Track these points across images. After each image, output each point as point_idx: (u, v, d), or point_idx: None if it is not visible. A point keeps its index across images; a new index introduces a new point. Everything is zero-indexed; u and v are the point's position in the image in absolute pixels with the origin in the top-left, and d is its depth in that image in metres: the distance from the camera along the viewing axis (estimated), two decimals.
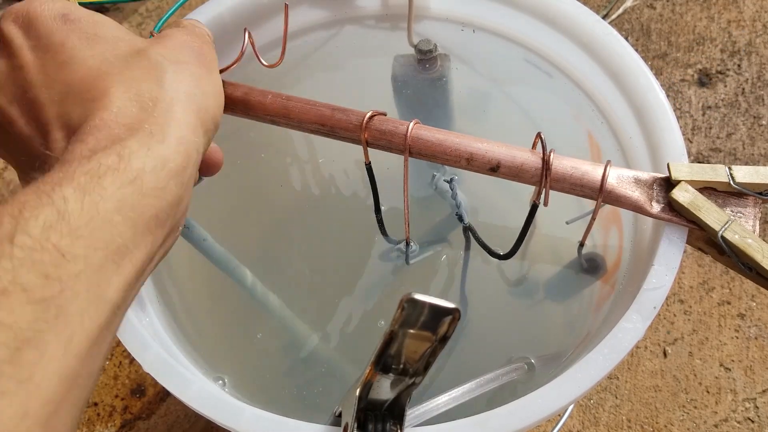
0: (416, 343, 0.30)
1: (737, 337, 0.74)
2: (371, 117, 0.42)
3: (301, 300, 0.52)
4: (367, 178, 0.45)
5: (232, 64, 0.43)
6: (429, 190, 0.55)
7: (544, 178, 0.42)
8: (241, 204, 0.57)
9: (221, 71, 0.39)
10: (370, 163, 0.44)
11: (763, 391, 0.71)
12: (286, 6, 0.44)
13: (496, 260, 0.50)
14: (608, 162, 0.42)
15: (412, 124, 0.42)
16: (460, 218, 0.50)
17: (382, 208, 0.48)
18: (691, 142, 0.86)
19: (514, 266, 0.51)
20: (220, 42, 0.54)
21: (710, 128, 0.87)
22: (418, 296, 0.28)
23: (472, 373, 0.43)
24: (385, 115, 0.43)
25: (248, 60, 0.57)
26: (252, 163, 0.58)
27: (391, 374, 0.32)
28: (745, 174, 0.40)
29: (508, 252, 0.47)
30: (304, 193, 0.57)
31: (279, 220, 0.57)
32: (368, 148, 0.43)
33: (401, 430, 0.34)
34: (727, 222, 0.39)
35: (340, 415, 0.35)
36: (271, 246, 0.55)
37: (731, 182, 0.40)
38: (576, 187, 0.42)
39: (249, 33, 0.44)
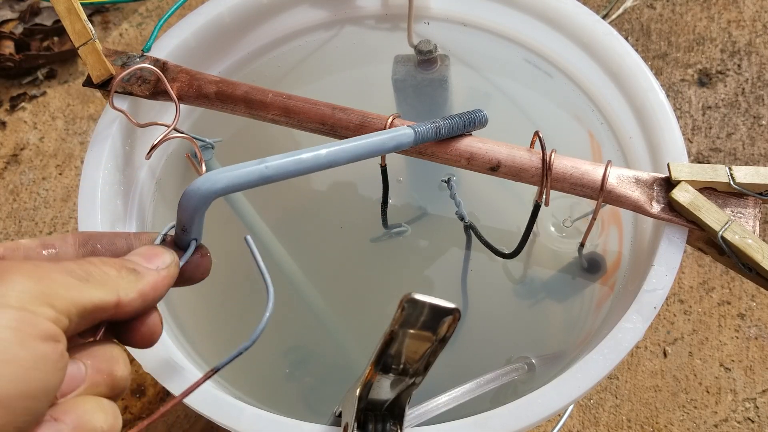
0: (416, 343, 0.30)
1: (737, 337, 0.74)
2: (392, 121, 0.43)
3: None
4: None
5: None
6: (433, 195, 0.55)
7: (544, 177, 0.42)
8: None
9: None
10: (385, 165, 0.47)
11: (763, 391, 0.71)
12: None
13: (496, 260, 0.50)
14: (609, 162, 0.42)
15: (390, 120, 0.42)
16: (461, 217, 0.50)
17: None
18: (691, 142, 0.86)
19: (515, 266, 0.51)
20: (220, 42, 0.54)
21: (710, 128, 0.87)
22: (419, 296, 0.28)
23: (472, 373, 0.43)
24: (400, 116, 0.44)
25: (249, 59, 0.58)
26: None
27: (391, 374, 0.31)
28: (745, 174, 0.40)
29: (513, 251, 0.47)
30: (308, 192, 0.57)
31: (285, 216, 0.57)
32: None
33: (401, 430, 0.34)
34: (727, 222, 0.39)
35: (340, 415, 0.35)
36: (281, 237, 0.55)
37: (731, 182, 0.40)
38: (576, 186, 0.42)
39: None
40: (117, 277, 0.26)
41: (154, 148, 0.44)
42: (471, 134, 0.43)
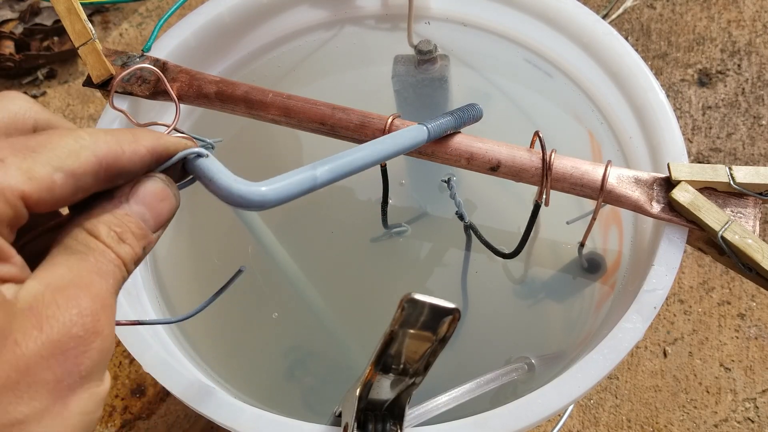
0: (416, 343, 0.30)
1: (737, 337, 0.74)
2: (392, 121, 0.43)
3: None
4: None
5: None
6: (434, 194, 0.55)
7: (544, 177, 0.42)
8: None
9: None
10: (385, 165, 0.47)
11: (763, 391, 0.71)
12: None
13: (496, 260, 0.50)
14: (609, 162, 0.42)
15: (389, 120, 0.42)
16: (461, 217, 0.50)
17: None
18: (691, 142, 0.86)
19: (515, 266, 0.51)
20: (220, 42, 0.54)
21: (710, 128, 0.87)
22: (419, 296, 0.28)
23: (472, 373, 0.43)
24: (400, 116, 0.44)
25: (248, 59, 0.58)
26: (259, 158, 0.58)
27: (391, 374, 0.32)
28: (745, 174, 0.40)
29: (512, 251, 0.47)
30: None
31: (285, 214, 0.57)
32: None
33: (401, 430, 0.34)
34: (727, 222, 0.39)
35: (340, 415, 0.35)
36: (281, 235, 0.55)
37: (731, 182, 0.40)
38: (576, 186, 0.42)
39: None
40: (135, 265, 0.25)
41: None
42: (471, 134, 0.43)
